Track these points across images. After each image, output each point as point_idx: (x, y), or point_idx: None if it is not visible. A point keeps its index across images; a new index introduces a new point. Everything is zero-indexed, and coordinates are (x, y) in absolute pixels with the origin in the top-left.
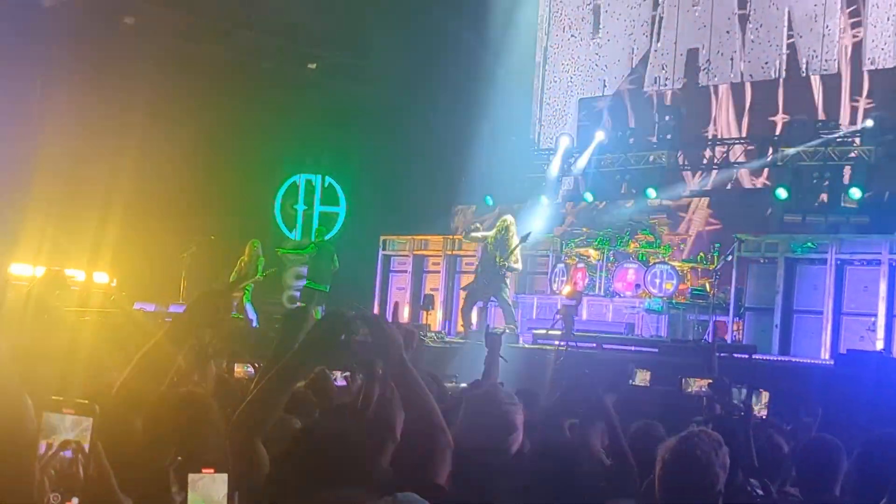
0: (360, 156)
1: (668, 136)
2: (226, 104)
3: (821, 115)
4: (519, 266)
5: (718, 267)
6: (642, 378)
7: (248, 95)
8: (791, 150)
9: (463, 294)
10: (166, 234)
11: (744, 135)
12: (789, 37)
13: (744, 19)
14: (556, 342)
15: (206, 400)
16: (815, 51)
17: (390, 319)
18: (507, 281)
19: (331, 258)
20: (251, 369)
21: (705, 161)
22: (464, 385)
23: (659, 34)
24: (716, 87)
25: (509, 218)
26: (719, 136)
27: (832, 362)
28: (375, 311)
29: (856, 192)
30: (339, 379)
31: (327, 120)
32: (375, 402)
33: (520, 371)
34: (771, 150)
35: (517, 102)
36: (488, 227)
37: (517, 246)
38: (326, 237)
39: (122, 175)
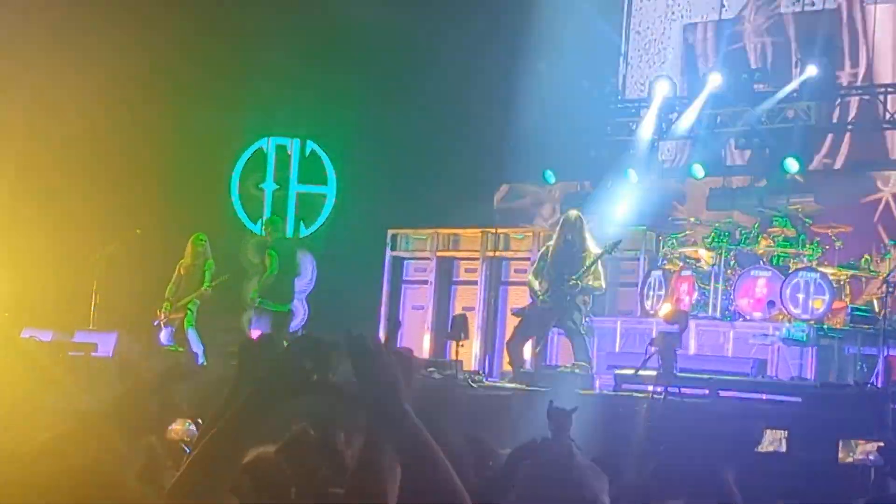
0: (358, 111)
1: (816, 80)
2: (158, 35)
3: None
4: (602, 286)
5: (894, 275)
6: (775, 441)
7: (191, 21)
8: None
9: (514, 319)
10: (71, 229)
11: None
12: None
13: None
14: (650, 387)
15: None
16: None
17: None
18: (582, 305)
19: (292, 261)
20: (192, 427)
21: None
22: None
23: None
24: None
25: (574, 214)
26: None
27: None
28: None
29: None
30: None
31: (308, 57)
32: (351, 473)
33: (595, 430)
34: None
35: (592, 31)
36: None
37: (598, 259)
38: (306, 232)
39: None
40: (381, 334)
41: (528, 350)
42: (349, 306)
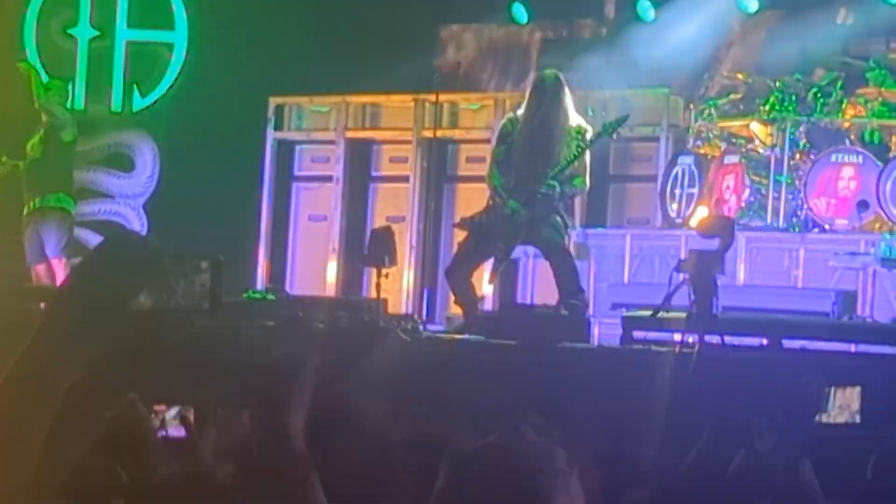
0: None
1: None
2: None
3: None
4: (585, 183)
5: None
6: (842, 405)
7: None
8: None
9: (461, 235)
10: None
11: None
12: None
13: None
14: (678, 336)
15: None
16: None
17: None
18: (564, 210)
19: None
20: None
21: None
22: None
23: None
24: None
25: (551, 75)
26: None
27: None
28: (260, 269)
29: None
30: (172, 422)
31: None
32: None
33: (592, 403)
34: None
35: None
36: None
37: (590, 145)
38: (141, 104)
39: None
40: (262, 265)
41: (484, 280)
42: (210, 217)
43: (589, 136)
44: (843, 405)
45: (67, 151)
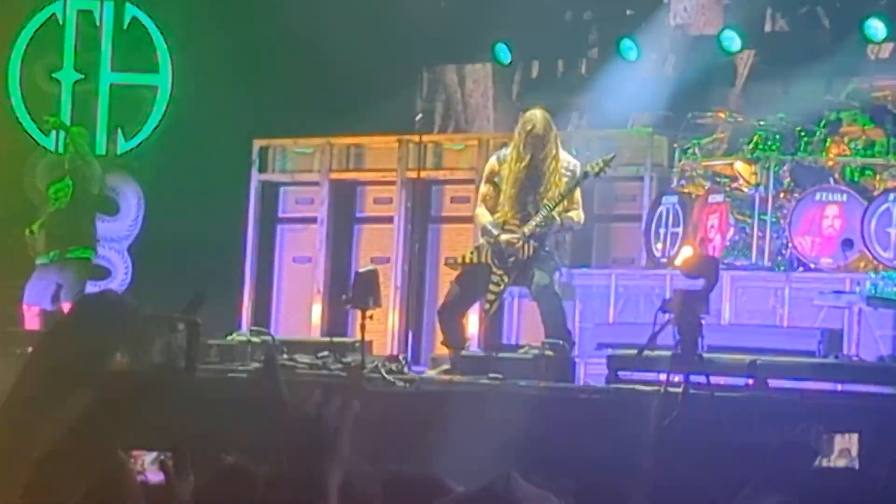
0: None
1: None
2: None
3: None
4: (581, 218)
5: None
6: (842, 449)
7: None
8: None
9: (450, 274)
10: None
11: None
12: None
13: None
14: (663, 376)
15: None
16: None
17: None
18: (555, 248)
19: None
20: None
21: None
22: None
23: None
24: None
25: (539, 116)
26: None
27: None
28: (244, 312)
29: None
30: (151, 467)
31: None
32: None
33: (577, 444)
34: None
35: None
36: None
37: (579, 182)
38: (126, 147)
39: None
40: (245, 308)
41: (473, 322)
42: (195, 260)
43: (578, 172)
44: (832, 444)
45: (94, 203)
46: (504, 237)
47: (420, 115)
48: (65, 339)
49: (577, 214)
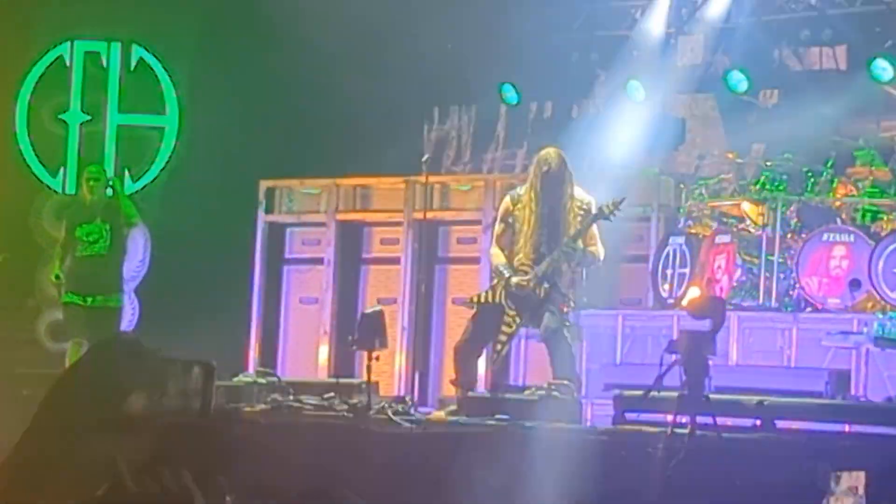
0: None
1: None
2: None
3: None
4: (600, 254)
5: None
6: (849, 487)
7: None
8: None
9: (458, 316)
10: None
11: None
12: None
13: None
14: (670, 417)
15: None
16: None
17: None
18: (570, 287)
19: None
20: None
21: None
22: None
23: None
24: None
25: (553, 154)
26: None
27: None
28: (251, 352)
29: None
30: None
31: None
32: None
33: (583, 484)
34: None
35: None
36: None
37: (593, 222)
38: (133, 187)
39: None
40: (253, 350)
41: (482, 364)
42: (202, 300)
43: (593, 207)
44: (840, 485)
45: (123, 251)
46: (515, 279)
47: (427, 156)
48: (80, 381)
49: (597, 249)
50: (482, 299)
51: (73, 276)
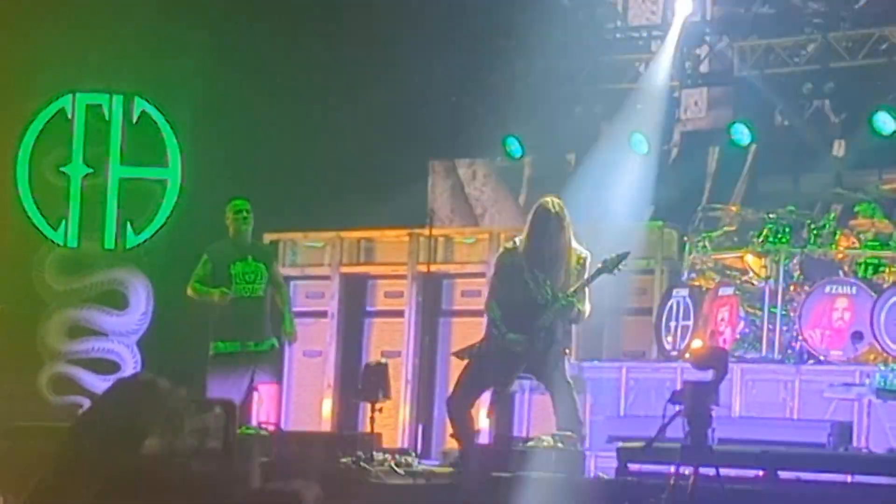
0: (214, 50)
1: None
2: None
3: None
4: (586, 313)
5: None
6: None
7: None
8: None
9: (458, 367)
10: None
11: None
12: None
13: None
14: (673, 468)
15: None
16: None
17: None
18: (565, 340)
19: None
20: None
21: None
22: None
23: None
24: None
25: (553, 203)
26: None
27: None
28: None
29: None
30: None
31: None
32: None
33: None
34: None
35: None
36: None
37: (594, 278)
38: (135, 241)
39: None
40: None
41: (483, 416)
42: (205, 353)
43: (587, 261)
44: None
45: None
46: (511, 336)
47: (431, 209)
48: (101, 422)
49: (584, 307)
50: (474, 350)
51: (228, 319)
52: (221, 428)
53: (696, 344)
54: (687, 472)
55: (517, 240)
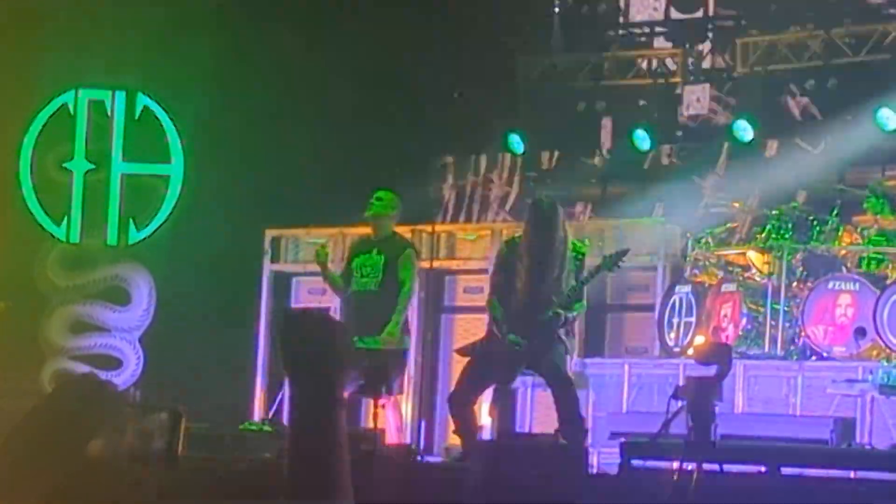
0: (217, 45)
1: None
2: None
3: None
4: (581, 309)
5: None
6: None
7: None
8: None
9: (460, 363)
10: None
11: None
12: None
13: None
14: (676, 464)
15: None
16: None
17: None
18: (565, 335)
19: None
20: None
21: None
22: None
23: None
24: None
25: (548, 202)
26: None
27: None
28: (256, 401)
29: None
30: None
31: None
32: None
33: None
34: None
35: None
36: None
37: (593, 277)
38: (137, 237)
39: None
40: (258, 398)
41: (484, 412)
42: (207, 349)
43: (585, 257)
44: None
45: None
46: (511, 338)
47: (433, 205)
48: (44, 422)
49: (581, 306)
50: (476, 347)
51: (345, 313)
52: (166, 432)
53: (699, 341)
54: (690, 468)
55: (517, 236)
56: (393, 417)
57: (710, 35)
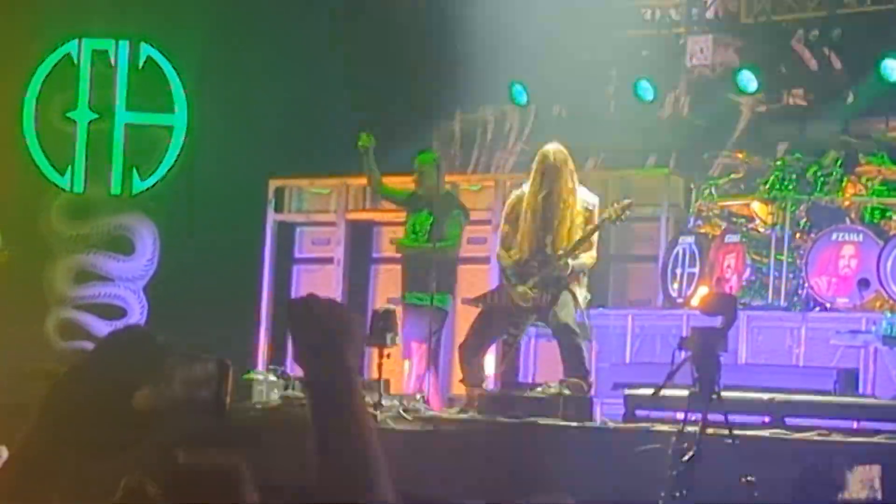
0: None
1: None
2: None
3: None
4: (594, 258)
5: None
6: (863, 480)
7: None
8: None
9: (469, 313)
10: None
11: None
12: None
13: None
14: (680, 415)
15: None
16: None
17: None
18: (574, 285)
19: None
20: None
21: None
22: None
23: None
24: None
25: (555, 151)
26: None
27: None
28: (260, 351)
29: None
30: None
31: None
32: None
33: (594, 483)
34: None
35: None
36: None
37: (598, 229)
38: (141, 186)
39: None
40: (262, 350)
41: (490, 361)
42: (211, 299)
43: (596, 207)
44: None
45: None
46: (520, 289)
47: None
48: (89, 375)
49: (591, 257)
50: (487, 300)
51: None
52: (214, 381)
53: (703, 292)
54: (694, 419)
55: (524, 186)
56: (417, 367)
57: None
